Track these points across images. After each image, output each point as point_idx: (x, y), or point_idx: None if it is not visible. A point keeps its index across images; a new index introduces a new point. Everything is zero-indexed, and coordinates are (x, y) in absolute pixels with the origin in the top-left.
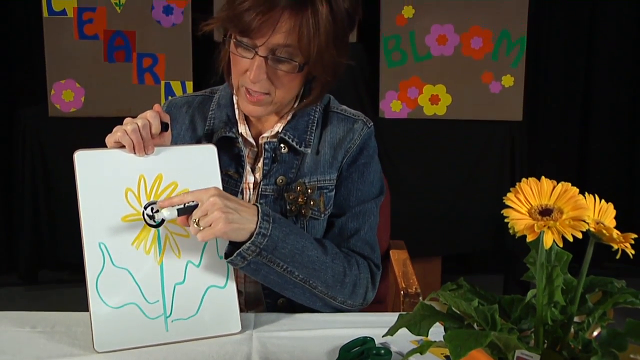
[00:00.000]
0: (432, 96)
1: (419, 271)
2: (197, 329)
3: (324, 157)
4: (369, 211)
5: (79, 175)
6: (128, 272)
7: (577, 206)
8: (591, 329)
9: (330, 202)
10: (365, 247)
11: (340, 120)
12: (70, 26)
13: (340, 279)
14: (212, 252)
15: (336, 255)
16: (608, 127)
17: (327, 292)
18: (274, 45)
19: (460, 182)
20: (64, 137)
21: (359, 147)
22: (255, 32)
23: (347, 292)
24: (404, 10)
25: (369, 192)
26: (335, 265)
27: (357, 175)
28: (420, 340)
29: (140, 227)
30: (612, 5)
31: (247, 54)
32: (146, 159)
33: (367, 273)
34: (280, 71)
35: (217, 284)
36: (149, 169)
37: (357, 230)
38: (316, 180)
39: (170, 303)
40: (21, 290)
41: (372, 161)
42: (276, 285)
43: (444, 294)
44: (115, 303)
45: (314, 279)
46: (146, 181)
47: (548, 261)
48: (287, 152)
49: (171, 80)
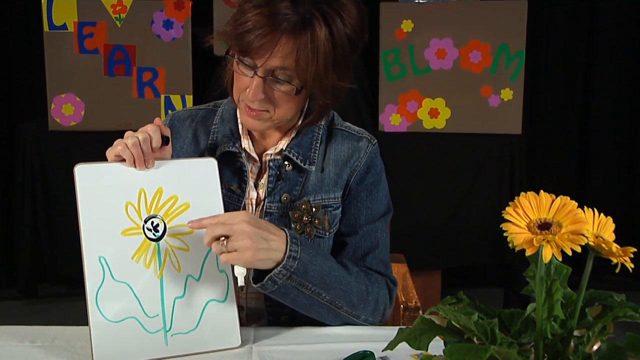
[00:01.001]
0: (431, 110)
1: (418, 285)
2: (197, 343)
3: (329, 175)
4: (380, 229)
5: (79, 189)
6: (128, 286)
7: (576, 220)
8: (591, 343)
9: (335, 220)
10: (380, 264)
11: (345, 138)
12: (71, 40)
13: (364, 298)
14: (212, 266)
15: (358, 274)
16: (607, 141)
17: (352, 312)
18: (273, 67)
19: (460, 196)
20: (64, 151)
21: (366, 165)
22: (254, 52)
23: (369, 310)
24: (403, 24)
25: (378, 210)
26: (359, 284)
27: (365, 194)
28: (420, 354)
29: (140, 241)
30: (610, 19)
31: (247, 72)
32: (146, 172)
33: (385, 290)
34: (277, 92)
35: (217, 298)
36: (149, 183)
37: (371, 248)
38: (321, 198)
39: (170, 317)
40: (20, 304)
41: (380, 180)
42: (303, 307)
43: (444, 307)
44: (115, 317)
45: (340, 299)
46: (146, 195)
47: (547, 275)
48: (292, 169)
49: (171, 94)
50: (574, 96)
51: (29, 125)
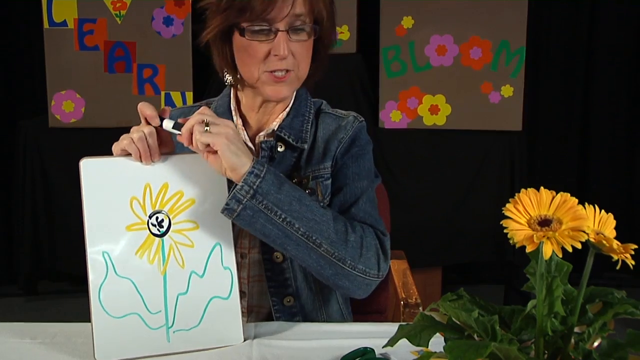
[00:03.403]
0: (431, 106)
1: (419, 282)
2: (199, 339)
3: (318, 150)
4: (365, 187)
5: (85, 183)
6: (131, 281)
7: (577, 217)
8: (591, 340)
9: (327, 190)
10: (367, 216)
11: (333, 120)
12: (71, 37)
13: (344, 238)
14: (216, 262)
15: (337, 215)
16: (608, 137)
17: (333, 252)
18: (290, 16)
19: (460, 192)
20: (64, 148)
21: (351, 138)
22: (267, 11)
23: (354, 253)
24: (404, 20)
25: (364, 175)
26: (337, 223)
27: (351, 161)
28: (420, 351)
29: (145, 236)
30: (611, 15)
31: (265, 37)
32: (152, 167)
33: (373, 239)
34: (298, 42)
35: (221, 295)
36: (155, 178)
37: (356, 200)
38: (311, 170)
39: (172, 314)
40: (21, 301)
41: (365, 152)
42: (277, 240)
43: (444, 304)
44: (117, 313)
45: (316, 234)
46: (152, 190)
47: (548, 272)
48: (284, 149)
49: (171, 91)
50: (574, 93)
51: (29, 122)
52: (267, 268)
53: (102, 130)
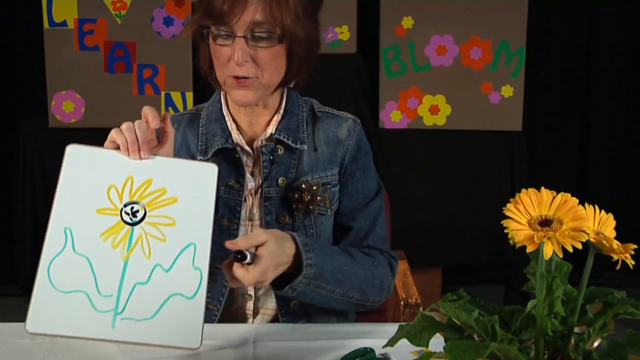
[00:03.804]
0: (431, 106)
1: (419, 282)
2: (148, 333)
3: (322, 154)
4: (378, 207)
5: (65, 166)
6: (87, 260)
7: (577, 217)
8: (591, 340)
9: (334, 197)
10: (381, 241)
11: (330, 118)
12: (71, 37)
13: (370, 282)
14: (187, 261)
15: (363, 260)
16: (608, 137)
17: (362, 298)
18: (250, 23)
19: (460, 192)
20: (64, 148)
21: (357, 144)
22: (228, 16)
23: (376, 291)
24: (404, 21)
25: (373, 187)
26: (365, 270)
27: (360, 172)
28: (420, 351)
29: (114, 222)
30: (611, 15)
31: (227, 41)
32: (139, 162)
33: (387, 269)
34: (262, 49)
35: (184, 293)
36: (139, 172)
37: (372, 227)
38: (319, 177)
39: (125, 300)
40: (21, 301)
41: (370, 159)
42: (319, 303)
43: (444, 304)
44: (63, 287)
45: (352, 290)
46: (133, 183)
47: (548, 272)
48: (284, 152)
49: (171, 91)
50: (574, 92)
51: (29, 123)
52: None
53: (102, 130)
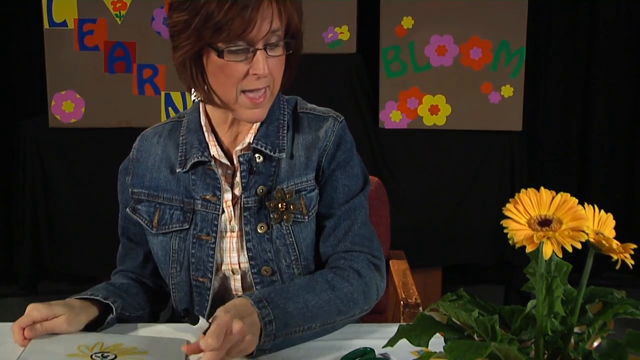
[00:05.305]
0: (431, 106)
1: (419, 282)
2: None
3: (299, 159)
4: (359, 205)
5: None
6: None
7: (577, 217)
8: (591, 340)
9: (312, 202)
10: (363, 240)
11: (311, 120)
12: (71, 37)
13: (350, 298)
14: None
15: (334, 281)
16: (608, 137)
17: (346, 317)
18: (267, 34)
19: (460, 192)
20: (64, 148)
21: (335, 143)
22: (246, 30)
23: (361, 301)
24: (404, 21)
25: (355, 186)
26: (338, 291)
27: (340, 172)
28: (420, 351)
29: None
30: (611, 15)
31: (242, 56)
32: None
33: (370, 271)
34: (273, 58)
35: None
36: (109, 339)
37: (351, 226)
38: (293, 184)
39: None
40: (21, 301)
41: (352, 155)
42: (299, 341)
43: (444, 304)
44: None
45: (330, 317)
46: (103, 345)
47: (548, 272)
48: (262, 161)
49: (171, 91)
50: (574, 93)
51: (29, 123)
52: (257, 282)
53: (102, 130)
